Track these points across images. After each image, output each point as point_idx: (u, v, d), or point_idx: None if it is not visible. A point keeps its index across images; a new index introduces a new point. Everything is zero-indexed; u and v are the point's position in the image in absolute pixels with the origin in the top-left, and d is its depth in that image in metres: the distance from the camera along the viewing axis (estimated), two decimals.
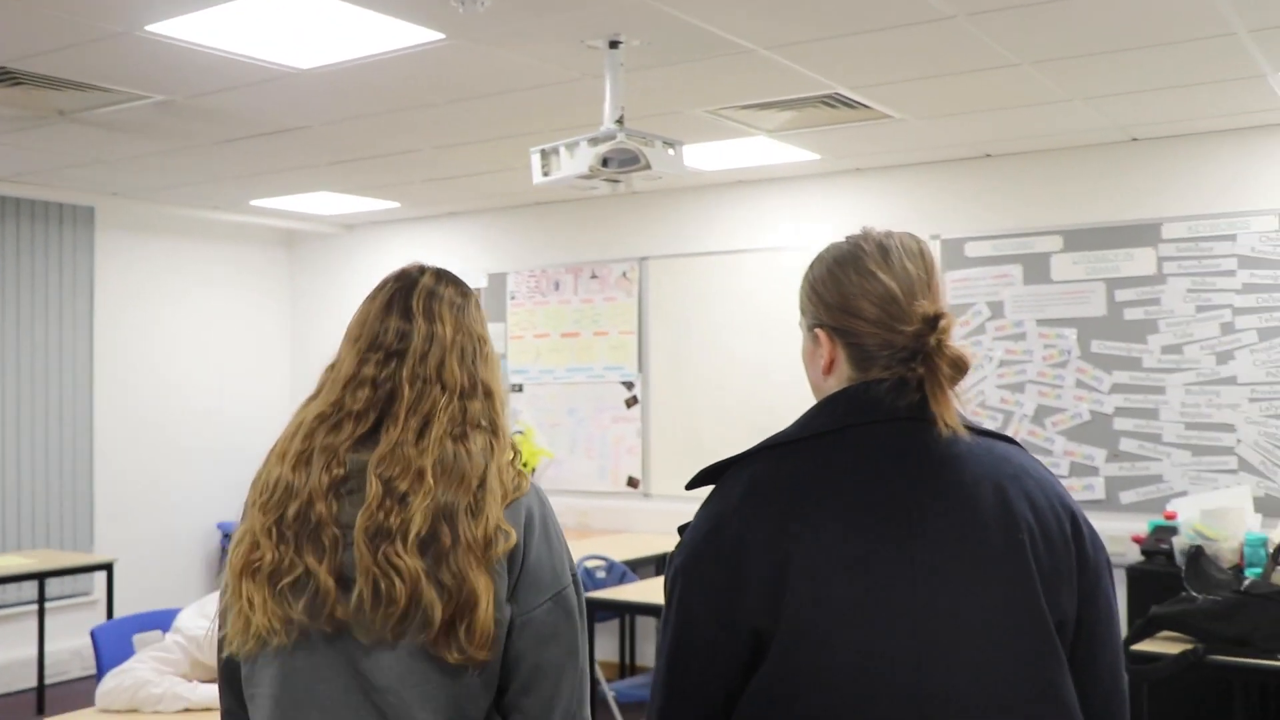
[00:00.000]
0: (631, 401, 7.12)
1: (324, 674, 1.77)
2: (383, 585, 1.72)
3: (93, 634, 3.98)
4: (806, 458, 1.57)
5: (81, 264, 7.47)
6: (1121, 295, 5.62)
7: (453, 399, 1.84)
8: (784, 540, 1.50)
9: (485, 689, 1.78)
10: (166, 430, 7.95)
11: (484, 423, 1.86)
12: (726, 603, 1.53)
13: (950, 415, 1.53)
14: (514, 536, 1.78)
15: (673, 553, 1.64)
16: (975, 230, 6.01)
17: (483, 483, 1.78)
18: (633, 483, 7.09)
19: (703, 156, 5.96)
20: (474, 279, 7.76)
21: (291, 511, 1.78)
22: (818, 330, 1.64)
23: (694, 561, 1.58)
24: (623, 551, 6.17)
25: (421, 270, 1.96)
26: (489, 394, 1.89)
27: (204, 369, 8.20)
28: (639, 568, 6.17)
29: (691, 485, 1.67)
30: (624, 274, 7.18)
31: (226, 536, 8.16)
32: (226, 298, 8.37)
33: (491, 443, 1.84)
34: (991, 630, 1.48)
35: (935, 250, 6.06)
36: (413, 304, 1.90)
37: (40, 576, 6.18)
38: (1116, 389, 5.61)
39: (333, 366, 1.93)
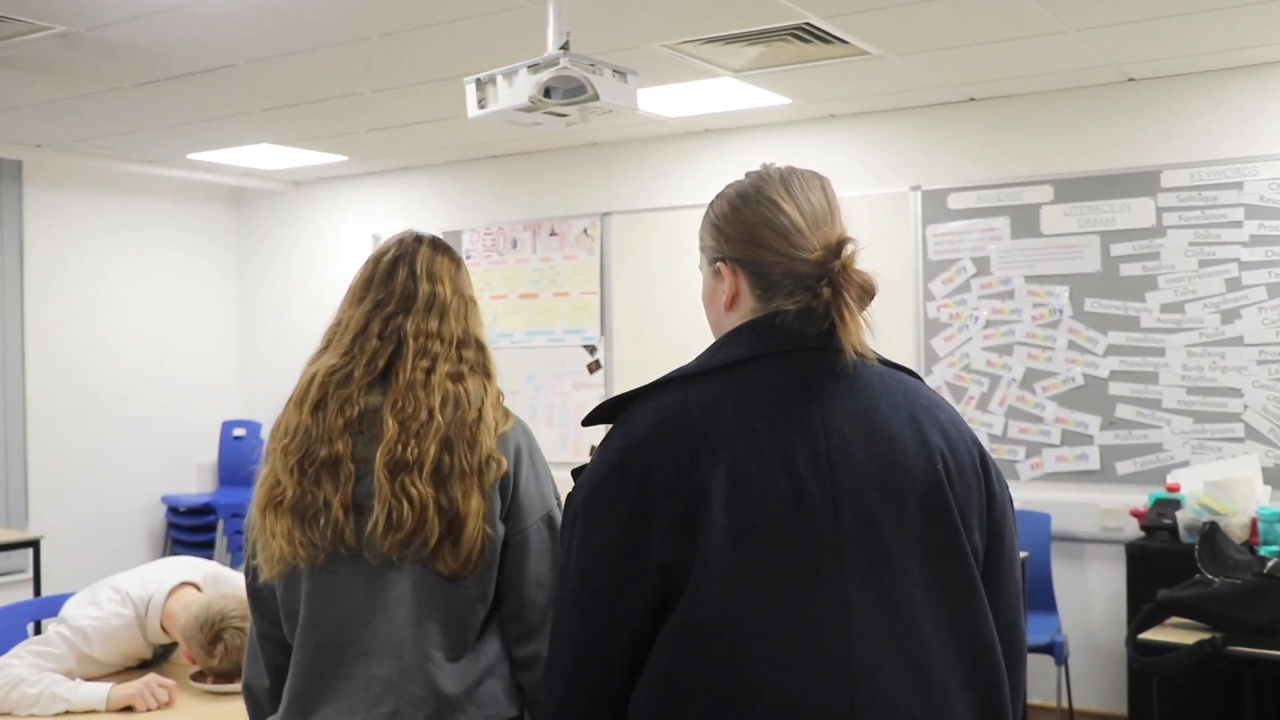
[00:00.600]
0: (594, 366, 6.72)
1: (342, 591, 2.00)
2: (395, 513, 1.96)
3: None
4: (714, 389, 1.52)
5: (9, 222, 7.00)
6: (1117, 249, 5.20)
7: (451, 349, 2.07)
8: (696, 473, 1.45)
9: (481, 600, 2.01)
10: (105, 398, 7.50)
11: (476, 368, 2.09)
12: (634, 541, 1.47)
13: (859, 340, 1.51)
14: (504, 464, 2.02)
15: (570, 494, 1.57)
16: (959, 180, 5.59)
17: (479, 417, 2.02)
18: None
19: (665, 101, 5.52)
20: None
21: (311, 451, 2.01)
22: (719, 264, 1.62)
23: (596, 499, 1.51)
24: None
25: (418, 239, 2.16)
26: (480, 346, 2.12)
27: (145, 333, 7.74)
28: None
29: (589, 422, 1.62)
30: (585, 230, 6.75)
31: (172, 510, 7.74)
32: (169, 258, 7.90)
33: (484, 384, 2.08)
34: (911, 562, 1.46)
35: (916, 202, 5.69)
36: (416, 267, 2.11)
37: None
38: (1112, 351, 5.21)
39: (337, 324, 2.11)
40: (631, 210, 6.59)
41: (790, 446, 1.46)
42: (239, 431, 8.02)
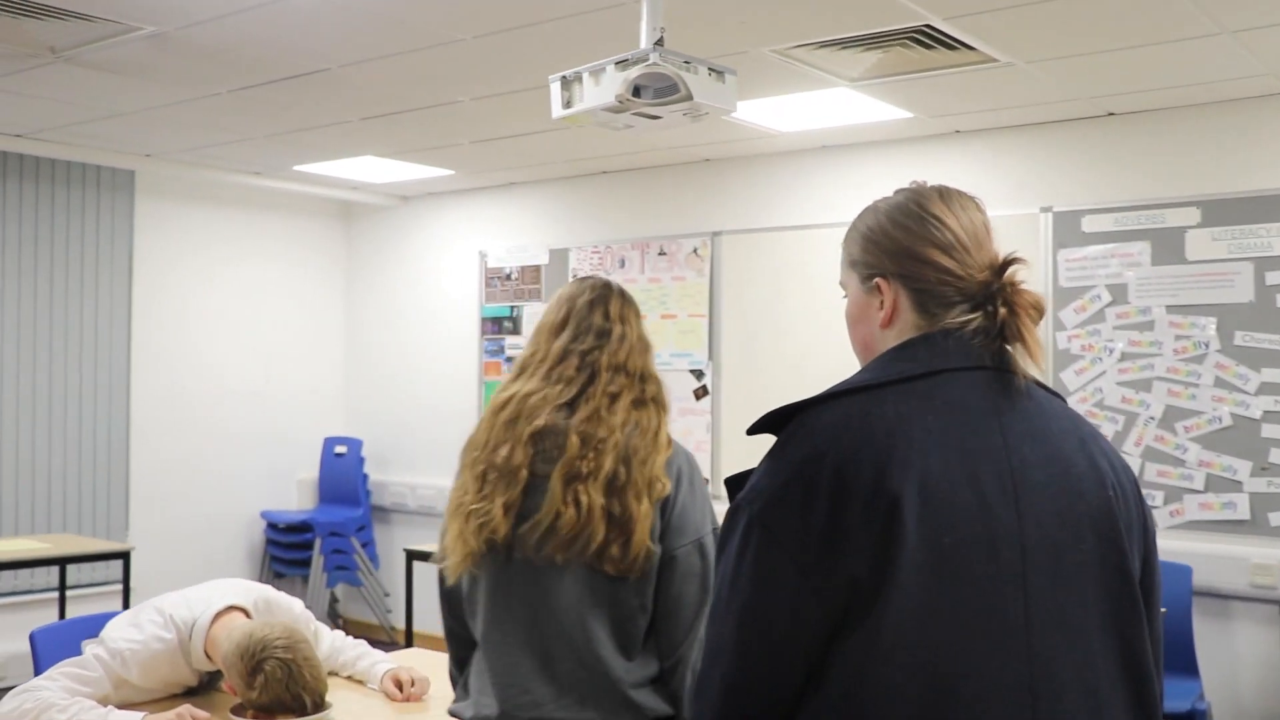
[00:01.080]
0: (701, 392, 6.42)
1: (516, 594, 2.25)
2: (561, 515, 2.19)
3: (32, 637, 3.38)
4: (896, 402, 1.47)
5: (120, 233, 6.98)
6: (1274, 278, 4.73)
7: (634, 382, 2.33)
8: (888, 486, 1.40)
9: (641, 611, 2.24)
10: (209, 411, 7.44)
11: (656, 400, 2.34)
12: (823, 552, 1.39)
13: (1038, 360, 1.52)
14: (668, 486, 2.24)
15: (737, 504, 1.48)
16: (1094, 201, 5.17)
17: (655, 439, 2.27)
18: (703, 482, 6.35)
19: (778, 114, 5.22)
20: (534, 255, 7.14)
21: (493, 461, 2.26)
22: (878, 280, 1.58)
23: (778, 509, 1.43)
24: None
25: (608, 285, 2.46)
26: (657, 382, 2.38)
27: (251, 347, 7.67)
28: None
29: (755, 430, 1.52)
30: (695, 250, 6.47)
31: (271, 526, 7.64)
32: (278, 272, 7.84)
33: (659, 414, 2.33)
34: (1086, 587, 1.46)
35: (1047, 224, 5.28)
36: (610, 309, 2.40)
37: (59, 562, 5.70)
38: (1266, 389, 4.72)
39: (532, 354, 2.38)
40: (744, 230, 6.29)
41: (977, 465, 1.44)
42: (340, 449, 7.89)
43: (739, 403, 6.29)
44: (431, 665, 3.33)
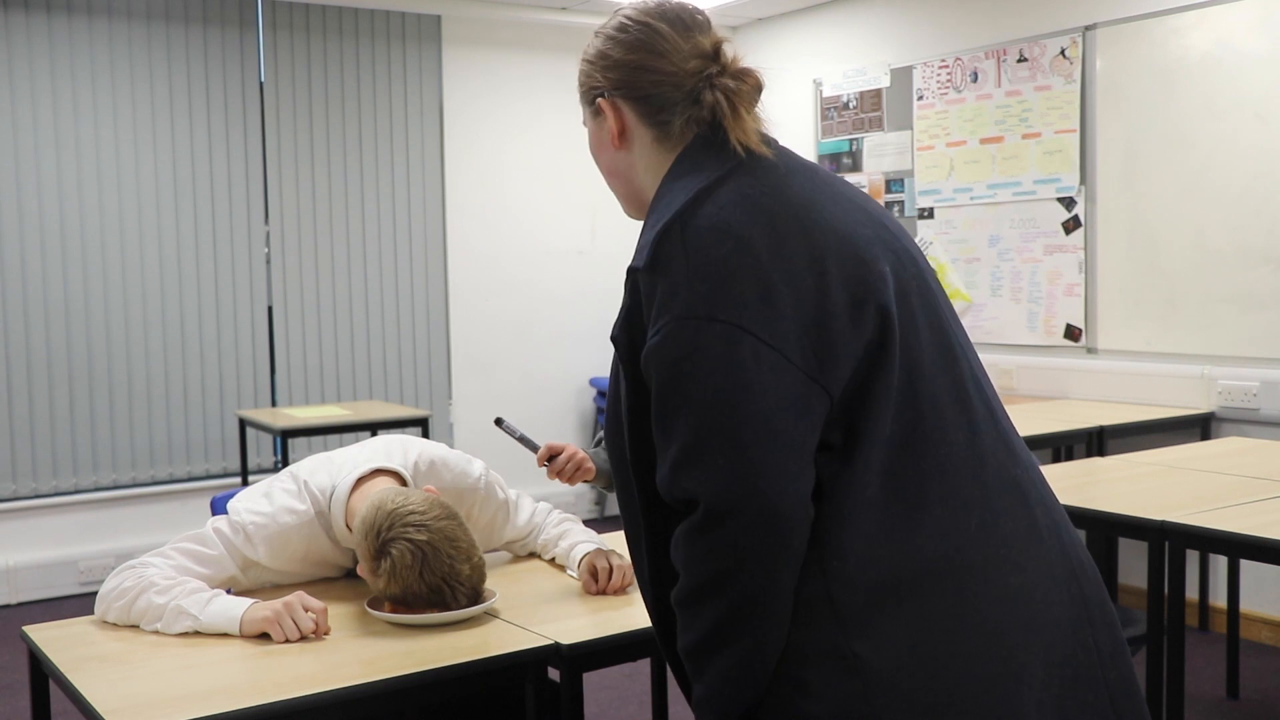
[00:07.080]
0: (1072, 225, 5.29)
1: None
2: None
3: (212, 504, 2.90)
4: (748, 184, 1.43)
5: (429, 88, 6.58)
6: None
7: None
8: (822, 243, 1.42)
9: None
10: (530, 273, 6.99)
11: None
12: (819, 349, 1.33)
13: (749, 138, 1.48)
14: None
15: (707, 317, 1.33)
16: None
17: None
18: (1073, 334, 5.28)
19: None
20: (874, 78, 6.16)
21: None
22: (599, 100, 1.58)
23: (755, 311, 1.32)
24: (1056, 423, 4.67)
25: None
26: None
27: (572, 205, 7.13)
28: (1074, 445, 4.70)
29: (641, 269, 1.43)
30: (1062, 52, 5.27)
31: (601, 394, 7.15)
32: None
33: None
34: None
35: None
36: None
37: (370, 428, 5.43)
38: None
39: None
40: (1124, 18, 5.03)
41: (865, 226, 1.45)
42: None
43: (1119, 235, 5.11)
44: None
